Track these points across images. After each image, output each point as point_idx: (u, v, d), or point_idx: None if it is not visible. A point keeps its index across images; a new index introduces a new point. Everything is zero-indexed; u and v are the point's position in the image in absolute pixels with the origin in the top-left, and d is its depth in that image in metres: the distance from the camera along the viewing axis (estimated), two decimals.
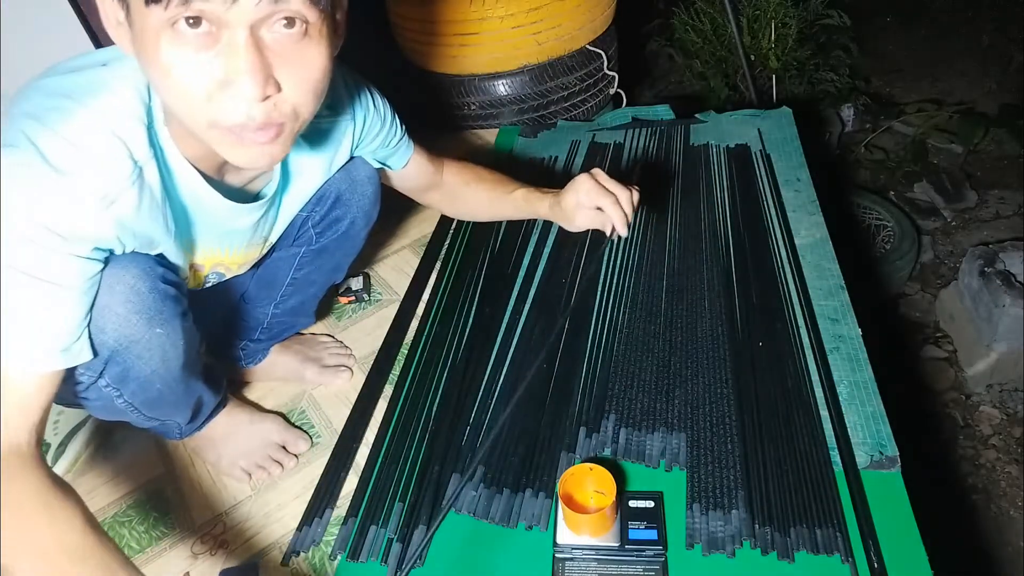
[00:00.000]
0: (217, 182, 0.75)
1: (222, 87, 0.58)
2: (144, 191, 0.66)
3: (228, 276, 0.90)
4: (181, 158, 0.69)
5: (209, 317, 0.95)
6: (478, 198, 1.08)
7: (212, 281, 0.89)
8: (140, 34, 0.57)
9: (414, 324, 1.19)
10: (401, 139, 0.97)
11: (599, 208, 0.96)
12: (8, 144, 0.60)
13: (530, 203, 1.05)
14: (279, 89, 0.59)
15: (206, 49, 0.57)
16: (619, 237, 0.96)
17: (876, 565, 0.77)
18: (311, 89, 0.62)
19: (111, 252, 0.68)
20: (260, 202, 0.80)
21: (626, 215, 0.95)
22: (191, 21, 0.55)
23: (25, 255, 0.60)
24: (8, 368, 0.62)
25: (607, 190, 0.95)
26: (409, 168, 1.00)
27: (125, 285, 0.70)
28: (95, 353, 0.69)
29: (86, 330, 0.67)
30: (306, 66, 0.60)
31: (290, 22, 0.58)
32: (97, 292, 0.67)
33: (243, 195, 0.80)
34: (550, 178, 1.48)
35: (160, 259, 0.75)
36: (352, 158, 0.93)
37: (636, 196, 0.97)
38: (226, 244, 0.83)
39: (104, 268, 0.68)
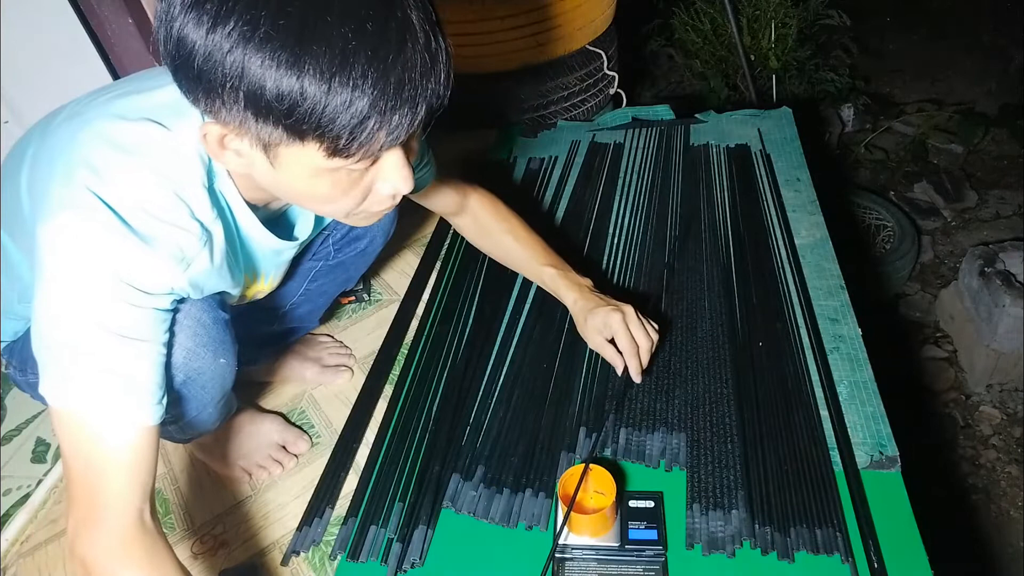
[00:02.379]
0: (263, 215, 0.75)
1: (373, 192, 0.62)
2: (215, 251, 0.68)
3: (261, 297, 0.92)
4: (245, 208, 0.70)
5: None
6: (508, 252, 1.06)
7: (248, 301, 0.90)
8: (288, 169, 0.57)
9: (414, 324, 1.19)
10: (425, 165, 0.92)
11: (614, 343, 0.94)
12: (77, 204, 0.59)
13: (556, 288, 1.01)
14: None
15: (365, 173, 0.59)
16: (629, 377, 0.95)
17: (876, 565, 0.77)
18: None
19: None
20: (303, 239, 0.82)
21: (641, 364, 0.94)
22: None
23: (112, 315, 0.60)
24: (114, 431, 0.61)
25: (633, 338, 0.93)
26: (425, 192, 0.97)
27: (192, 319, 0.71)
28: (172, 394, 0.70)
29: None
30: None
31: None
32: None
33: (277, 221, 0.81)
34: (550, 178, 1.48)
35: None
36: None
37: (655, 344, 0.95)
38: (271, 275, 0.85)
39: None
